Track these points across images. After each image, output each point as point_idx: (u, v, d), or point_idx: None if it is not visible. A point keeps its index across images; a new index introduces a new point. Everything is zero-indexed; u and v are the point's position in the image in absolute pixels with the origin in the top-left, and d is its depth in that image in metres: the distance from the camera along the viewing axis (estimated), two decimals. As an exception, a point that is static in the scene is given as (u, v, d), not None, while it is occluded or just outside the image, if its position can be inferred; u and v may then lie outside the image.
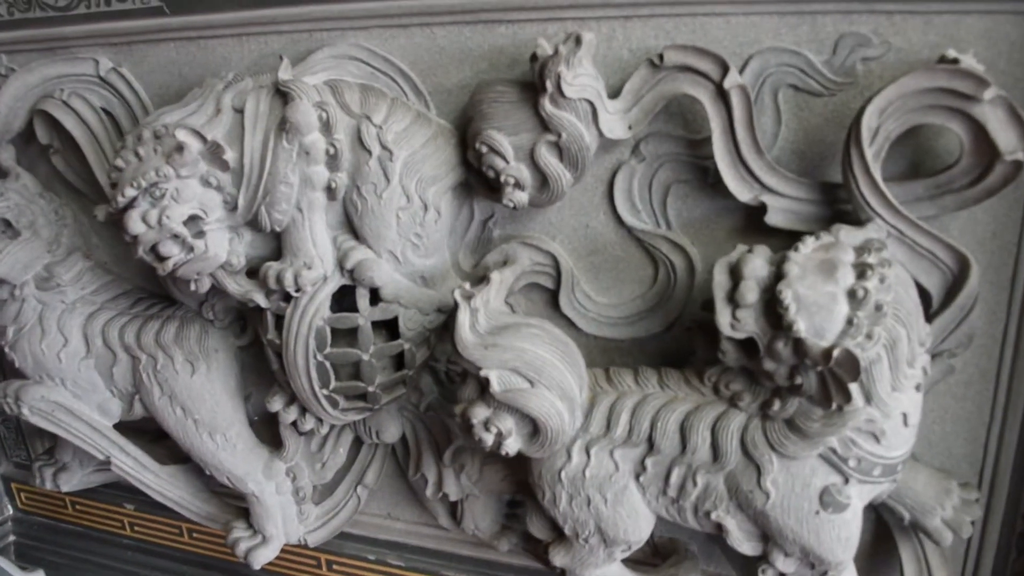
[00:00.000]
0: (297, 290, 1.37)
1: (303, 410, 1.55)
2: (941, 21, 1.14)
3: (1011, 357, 1.28)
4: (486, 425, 1.24)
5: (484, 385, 1.22)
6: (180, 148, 1.28)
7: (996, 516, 1.35)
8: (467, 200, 1.44)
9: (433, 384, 1.59)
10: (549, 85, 1.19)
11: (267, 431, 1.73)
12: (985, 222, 1.22)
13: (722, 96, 1.19)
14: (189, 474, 1.79)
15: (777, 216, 1.24)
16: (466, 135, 1.33)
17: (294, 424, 1.62)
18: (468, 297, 1.24)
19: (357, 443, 1.71)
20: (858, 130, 1.11)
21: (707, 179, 1.32)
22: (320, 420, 1.55)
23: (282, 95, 1.31)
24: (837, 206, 1.23)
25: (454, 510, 1.65)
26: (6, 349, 1.66)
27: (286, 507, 1.68)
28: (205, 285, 1.45)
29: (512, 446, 1.25)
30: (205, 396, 1.61)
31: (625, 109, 1.26)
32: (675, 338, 1.41)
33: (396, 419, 1.61)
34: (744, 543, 1.25)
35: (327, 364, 1.42)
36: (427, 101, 1.41)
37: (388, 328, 1.44)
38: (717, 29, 1.23)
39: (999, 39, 1.13)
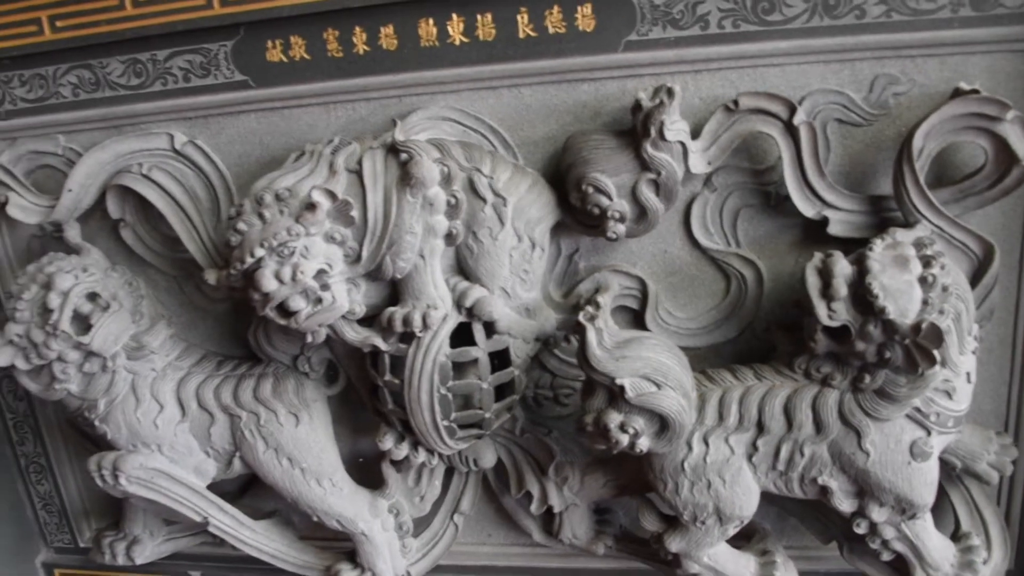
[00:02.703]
0: (422, 330, 1.57)
1: (415, 445, 1.73)
2: (953, 60, 1.51)
3: (1024, 326, 1.65)
4: (622, 428, 1.48)
5: (614, 393, 1.47)
6: (312, 207, 1.46)
7: (1022, 456, 1.70)
8: (555, 238, 1.69)
9: (521, 409, 1.81)
10: (653, 131, 1.47)
11: (353, 475, 1.89)
12: (995, 216, 1.58)
13: (790, 131, 1.51)
14: (279, 526, 1.91)
15: (837, 227, 1.56)
16: (566, 179, 1.58)
17: (392, 461, 1.80)
18: (592, 319, 1.49)
19: (448, 474, 1.90)
20: (909, 150, 1.45)
21: (770, 202, 1.63)
22: (431, 452, 1.74)
23: (396, 153, 1.52)
24: (882, 214, 1.57)
25: (548, 525, 1.87)
26: (96, 422, 1.74)
27: (391, 543, 1.84)
28: (321, 336, 1.62)
29: (644, 444, 1.49)
30: (311, 444, 1.76)
31: (704, 148, 1.56)
32: (747, 341, 1.71)
33: (490, 446, 1.82)
34: (844, 501, 1.54)
35: (449, 396, 1.62)
36: (515, 153, 1.66)
37: (498, 359, 1.65)
38: (774, 77, 1.55)
39: (998, 72, 1.50)
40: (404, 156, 1.51)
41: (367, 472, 1.89)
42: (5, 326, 1.65)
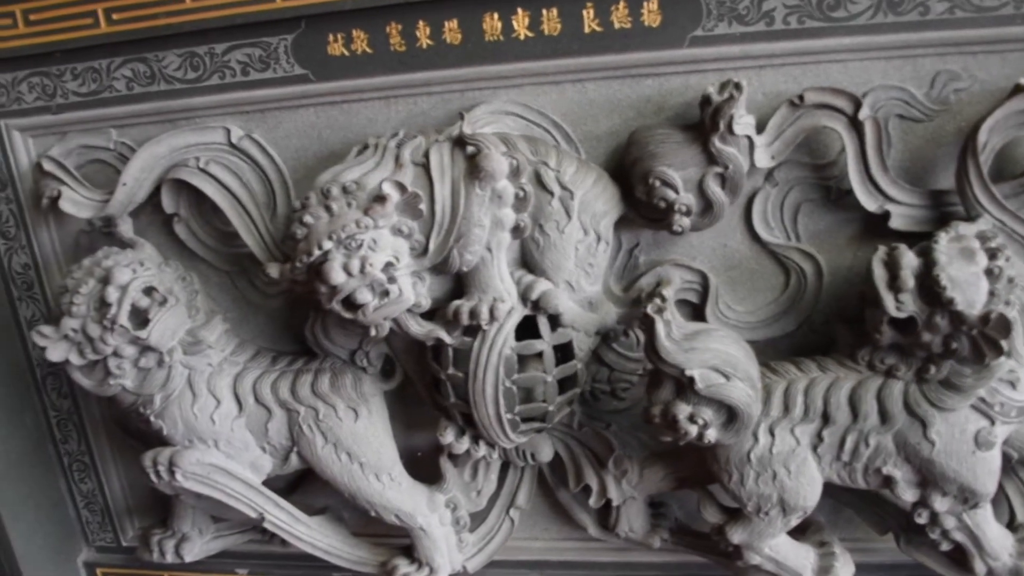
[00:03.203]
0: (488, 323, 1.60)
1: (475, 439, 1.76)
2: (1014, 57, 1.56)
3: (1078, 317, 1.70)
4: (691, 419, 1.52)
5: (682, 384, 1.51)
6: (382, 199, 1.49)
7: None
8: (615, 233, 1.72)
9: (578, 403, 1.85)
10: (722, 125, 1.51)
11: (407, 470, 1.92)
12: (1054, 211, 1.64)
13: (855, 126, 1.56)
14: (332, 523, 1.94)
15: (898, 221, 1.61)
16: (631, 173, 1.62)
17: (449, 456, 1.84)
18: (660, 311, 1.53)
19: (503, 468, 1.93)
20: (974, 144, 1.50)
21: (830, 196, 1.67)
22: (492, 446, 1.77)
23: (462, 146, 1.56)
24: (941, 208, 1.61)
25: (603, 519, 1.90)
26: (152, 418, 1.76)
27: (448, 537, 1.87)
28: (385, 330, 1.64)
29: (712, 435, 1.53)
30: (370, 439, 1.79)
31: (768, 143, 1.60)
32: (804, 334, 1.76)
33: (547, 440, 1.85)
34: (907, 491, 1.59)
35: (513, 389, 1.65)
36: (577, 147, 1.70)
37: (560, 352, 1.69)
38: (837, 73, 1.60)
39: (1059, 68, 1.56)
40: (472, 149, 1.53)
41: (421, 467, 1.92)
42: (60, 321, 1.66)
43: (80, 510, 2.23)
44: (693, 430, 1.52)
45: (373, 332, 1.64)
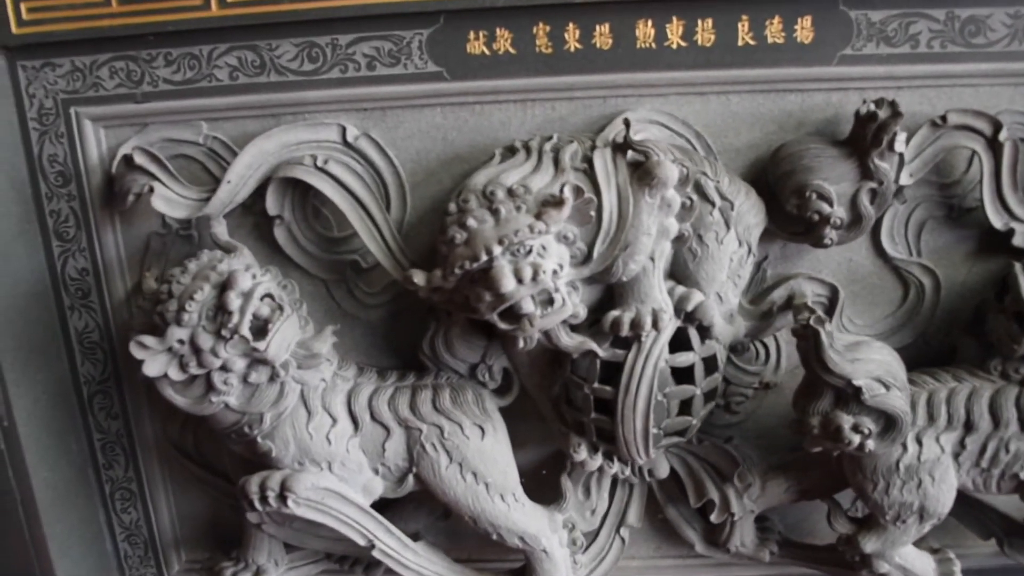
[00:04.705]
0: (647, 334, 1.56)
1: (608, 455, 1.71)
2: None
3: None
4: (855, 428, 1.54)
5: (843, 395, 1.53)
6: (559, 203, 1.43)
7: None
8: (748, 245, 1.74)
9: (690, 417, 1.84)
10: (885, 141, 1.55)
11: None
12: None
13: (992, 147, 1.64)
14: (433, 548, 1.82)
15: (1021, 239, 1.70)
16: (781, 186, 1.63)
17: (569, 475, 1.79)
18: (823, 322, 1.55)
19: (612, 486, 1.88)
20: (1096, 167, 1.62)
21: (951, 214, 1.75)
22: (624, 463, 1.73)
23: (623, 152, 1.53)
24: (1056, 228, 1.72)
25: (710, 535, 1.89)
26: (259, 439, 1.60)
27: (566, 559, 1.79)
28: (534, 341, 1.58)
29: (871, 444, 1.55)
30: (496, 457, 1.70)
31: (909, 161, 1.66)
32: (918, 347, 1.82)
33: (663, 455, 1.82)
34: (1037, 495, 1.68)
35: (664, 402, 1.62)
36: (716, 159, 1.69)
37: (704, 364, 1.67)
38: (968, 96, 1.68)
39: None
40: (640, 156, 1.51)
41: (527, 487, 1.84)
42: (167, 330, 1.50)
43: (119, 543, 1.99)
44: (856, 439, 1.54)
45: (521, 344, 1.57)
